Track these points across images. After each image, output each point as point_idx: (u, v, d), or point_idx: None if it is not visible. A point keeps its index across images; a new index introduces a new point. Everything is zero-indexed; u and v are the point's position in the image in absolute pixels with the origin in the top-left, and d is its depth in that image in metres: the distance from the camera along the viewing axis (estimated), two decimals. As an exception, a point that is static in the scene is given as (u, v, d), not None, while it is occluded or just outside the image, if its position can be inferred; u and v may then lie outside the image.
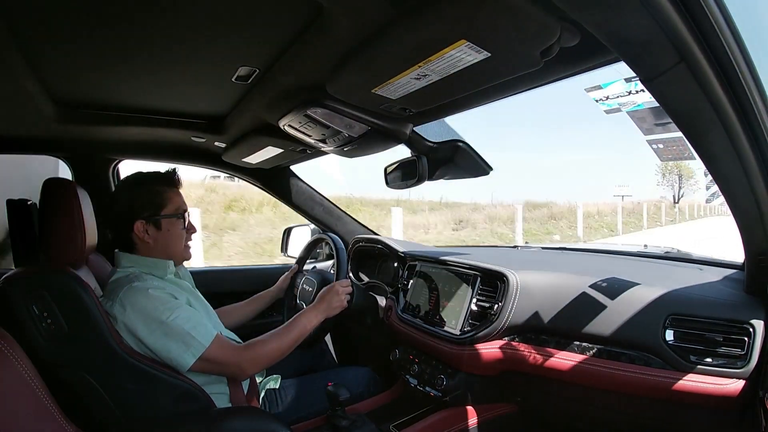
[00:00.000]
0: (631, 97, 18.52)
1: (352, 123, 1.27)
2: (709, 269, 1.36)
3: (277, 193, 2.27)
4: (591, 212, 19.45)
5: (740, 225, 0.93)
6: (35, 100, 1.21)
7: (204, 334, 1.15)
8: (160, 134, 1.69)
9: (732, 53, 0.63)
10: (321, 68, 1.02)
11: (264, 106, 1.31)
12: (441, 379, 1.46)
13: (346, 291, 1.52)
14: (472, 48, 0.79)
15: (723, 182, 0.85)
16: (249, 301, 1.77)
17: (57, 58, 1.05)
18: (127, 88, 1.29)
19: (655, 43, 0.63)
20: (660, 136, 19.85)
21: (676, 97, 0.73)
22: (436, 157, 1.53)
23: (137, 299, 1.13)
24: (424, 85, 0.97)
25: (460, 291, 1.50)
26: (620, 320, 1.14)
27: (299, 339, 1.35)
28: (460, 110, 1.27)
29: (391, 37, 0.81)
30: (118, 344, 1.09)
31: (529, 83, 1.04)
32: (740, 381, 0.98)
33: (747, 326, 0.99)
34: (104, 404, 1.08)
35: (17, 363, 0.87)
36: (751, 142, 0.74)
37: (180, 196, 1.32)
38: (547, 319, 1.28)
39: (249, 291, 1.83)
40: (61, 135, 1.63)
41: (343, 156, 1.59)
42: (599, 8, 0.62)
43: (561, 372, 1.23)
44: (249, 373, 1.25)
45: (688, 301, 1.09)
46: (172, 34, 0.94)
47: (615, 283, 1.23)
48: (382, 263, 2.15)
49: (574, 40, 0.78)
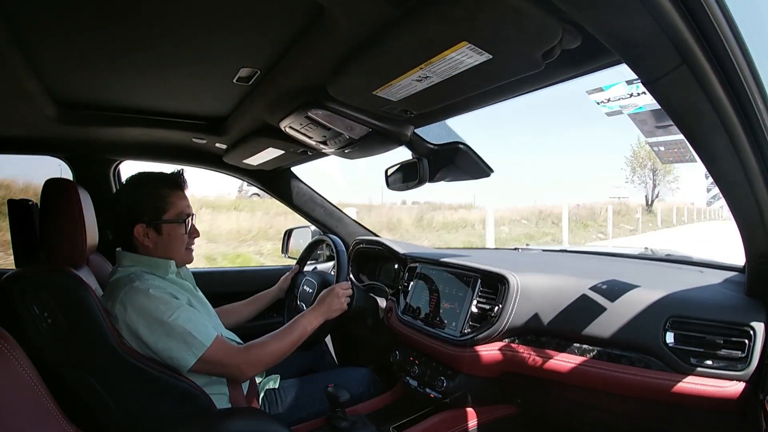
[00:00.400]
0: (633, 100, 18.56)
1: (353, 125, 1.27)
2: (709, 271, 1.36)
3: (277, 195, 2.27)
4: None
5: (741, 227, 0.93)
6: (36, 100, 1.21)
7: (205, 335, 1.15)
8: (160, 135, 1.69)
9: (734, 55, 0.63)
10: (322, 70, 1.02)
11: (265, 108, 1.31)
12: (441, 381, 1.45)
13: (346, 293, 1.51)
14: (474, 50, 0.79)
15: (724, 184, 0.85)
16: (249, 301, 1.77)
17: (58, 58, 1.05)
18: (128, 89, 1.30)
19: (656, 45, 0.63)
20: (661, 139, 19.85)
21: (678, 100, 0.73)
22: (436, 159, 1.53)
23: (138, 299, 1.13)
24: (425, 87, 0.97)
25: (461, 293, 1.50)
26: (620, 322, 1.14)
27: (299, 341, 1.35)
28: (461, 112, 1.27)
29: (393, 39, 0.81)
30: (119, 344, 1.09)
31: (530, 85, 1.04)
32: (740, 383, 0.97)
33: (747, 329, 0.99)
34: (104, 404, 1.08)
35: (17, 363, 0.87)
36: (752, 144, 0.74)
37: (184, 199, 1.30)
38: (548, 321, 1.28)
39: (250, 292, 1.82)
40: (61, 135, 1.63)
41: (344, 158, 1.59)
42: (601, 10, 0.62)
43: (561, 374, 1.23)
44: (249, 374, 1.25)
45: (688, 304, 1.09)
46: (173, 35, 0.94)
47: (615, 285, 1.22)
48: (383, 265, 2.15)
49: (576, 42, 0.78)
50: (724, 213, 25.43)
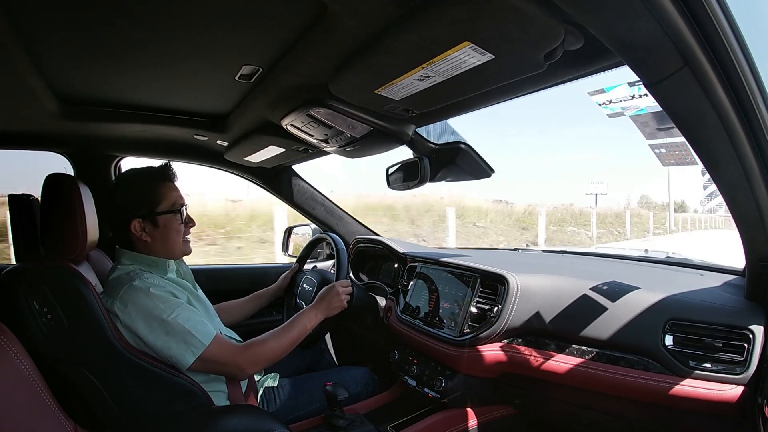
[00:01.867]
0: (635, 102, 18.58)
1: (355, 123, 1.27)
2: (709, 274, 1.36)
3: (278, 193, 2.27)
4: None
5: (741, 230, 0.93)
6: (38, 96, 1.21)
7: (204, 333, 1.15)
8: (162, 132, 1.69)
9: (736, 58, 0.63)
10: (324, 68, 1.02)
11: (267, 105, 1.31)
12: (440, 381, 1.45)
13: (346, 291, 1.52)
14: (476, 50, 0.79)
15: (725, 187, 0.85)
16: (249, 299, 1.77)
17: (60, 54, 1.05)
18: (130, 86, 1.30)
19: (659, 48, 0.63)
20: (662, 141, 19.85)
21: (680, 102, 0.73)
22: (438, 159, 1.53)
23: (138, 298, 1.13)
24: (427, 86, 0.97)
25: (460, 293, 1.50)
26: (620, 324, 1.14)
27: (299, 339, 1.35)
28: (463, 112, 1.27)
29: (395, 38, 0.81)
30: (118, 340, 1.09)
31: (532, 86, 1.04)
32: (739, 387, 0.97)
33: (746, 332, 0.99)
34: (103, 400, 1.08)
35: (16, 358, 0.87)
36: (753, 147, 0.74)
37: (176, 190, 1.31)
38: (547, 322, 1.28)
39: (249, 289, 1.83)
40: (63, 131, 1.63)
41: (345, 156, 1.59)
42: (604, 12, 0.62)
43: (560, 375, 1.23)
44: (248, 373, 1.25)
45: (688, 306, 1.09)
46: (175, 31, 0.94)
47: (615, 287, 1.23)
48: (383, 264, 2.15)
49: (578, 43, 0.78)
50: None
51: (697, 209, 44.67)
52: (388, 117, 1.26)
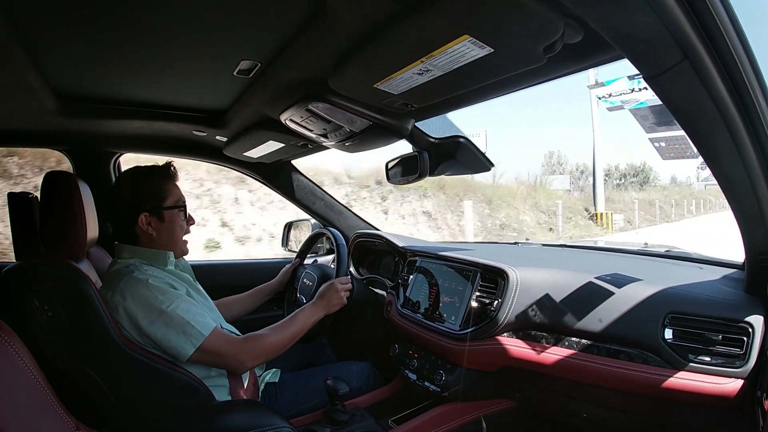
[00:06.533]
0: (634, 95, 18.53)
1: (354, 118, 1.27)
2: (709, 268, 1.36)
3: (277, 188, 2.27)
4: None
5: (741, 224, 0.93)
6: (37, 93, 1.20)
7: (203, 325, 1.16)
8: (161, 128, 1.69)
9: (736, 51, 0.63)
10: (323, 63, 1.01)
11: (265, 101, 1.31)
12: (440, 375, 1.46)
13: (346, 288, 1.52)
14: (475, 43, 0.78)
15: (724, 181, 0.85)
16: (249, 294, 1.78)
17: (58, 51, 1.04)
18: (129, 82, 1.29)
19: (658, 41, 0.63)
20: (662, 134, 19.81)
21: (679, 95, 0.73)
22: (437, 153, 1.53)
23: (138, 289, 1.14)
24: (426, 80, 0.97)
25: (460, 287, 1.50)
26: (619, 318, 1.14)
27: (298, 335, 1.36)
28: (462, 106, 1.27)
29: (394, 32, 0.81)
30: (119, 336, 1.09)
31: (531, 79, 1.04)
32: (738, 380, 0.98)
33: (746, 326, 0.99)
34: (104, 397, 1.09)
35: (17, 356, 0.88)
36: (753, 140, 0.74)
37: (178, 188, 1.34)
38: (547, 315, 1.28)
39: (249, 284, 1.83)
40: (62, 128, 1.62)
41: (345, 151, 1.58)
42: (603, 5, 0.62)
43: (560, 368, 1.23)
44: (248, 366, 1.26)
45: (687, 300, 1.09)
46: (173, 27, 0.94)
47: (614, 280, 1.23)
48: (383, 258, 2.15)
49: (578, 36, 0.78)
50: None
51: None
52: (387, 111, 1.26)
